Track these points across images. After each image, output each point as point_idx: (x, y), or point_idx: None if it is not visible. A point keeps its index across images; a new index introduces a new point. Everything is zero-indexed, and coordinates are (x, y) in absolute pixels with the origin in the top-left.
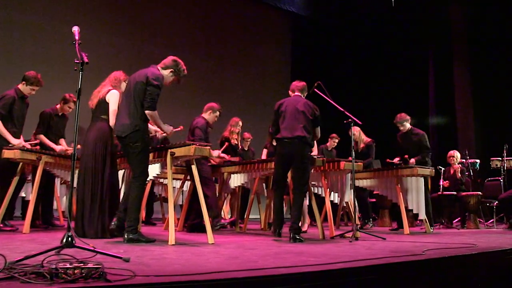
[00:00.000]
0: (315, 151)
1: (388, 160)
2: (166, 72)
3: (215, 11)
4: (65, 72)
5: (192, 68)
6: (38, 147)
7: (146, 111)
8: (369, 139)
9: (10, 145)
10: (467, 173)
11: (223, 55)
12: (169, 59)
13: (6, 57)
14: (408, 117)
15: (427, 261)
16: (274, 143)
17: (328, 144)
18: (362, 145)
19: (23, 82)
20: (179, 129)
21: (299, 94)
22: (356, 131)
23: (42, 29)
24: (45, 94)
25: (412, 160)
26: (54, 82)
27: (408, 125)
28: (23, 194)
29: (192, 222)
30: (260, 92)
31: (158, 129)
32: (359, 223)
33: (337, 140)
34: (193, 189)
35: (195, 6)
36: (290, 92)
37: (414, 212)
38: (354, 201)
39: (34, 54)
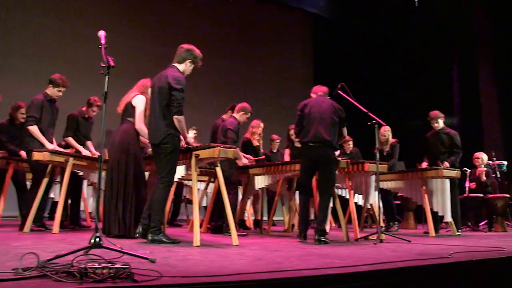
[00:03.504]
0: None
1: (417, 164)
2: (184, 66)
3: (237, 14)
4: (91, 75)
5: (214, 70)
6: (72, 150)
7: (174, 117)
8: (393, 140)
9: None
10: (493, 175)
11: (245, 57)
12: (182, 51)
13: (35, 61)
14: (442, 115)
15: (454, 264)
16: (298, 145)
17: (344, 148)
18: (388, 147)
19: (50, 85)
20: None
21: (322, 95)
22: (387, 132)
23: (68, 33)
24: (71, 97)
25: (446, 163)
26: (80, 85)
27: (441, 123)
28: (52, 195)
29: (216, 224)
30: (282, 94)
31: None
32: (383, 225)
33: (351, 142)
34: (217, 191)
35: (218, 9)
36: (312, 95)
37: (440, 214)
38: (378, 203)
39: (61, 58)
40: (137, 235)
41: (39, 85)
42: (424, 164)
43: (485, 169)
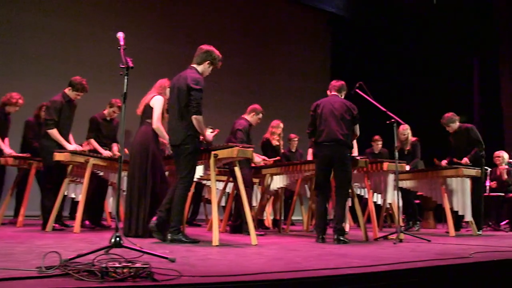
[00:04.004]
0: (355, 152)
1: (435, 160)
2: (203, 67)
3: (254, 13)
4: (110, 77)
5: (232, 70)
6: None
7: (193, 117)
8: (414, 138)
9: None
10: None
11: (262, 57)
12: (201, 52)
13: (57, 63)
14: (456, 117)
15: (475, 264)
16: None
17: (373, 147)
18: (408, 146)
19: (69, 87)
20: (216, 132)
21: (336, 93)
22: (406, 131)
23: (87, 35)
24: (92, 99)
25: (465, 159)
26: (101, 87)
27: (455, 126)
28: (72, 195)
29: (234, 224)
30: (300, 93)
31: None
32: (403, 225)
33: (380, 142)
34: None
35: (235, 8)
36: (327, 92)
37: (460, 213)
38: (398, 203)
39: (80, 60)
40: (152, 224)
41: (61, 86)
42: (444, 163)
43: (506, 167)
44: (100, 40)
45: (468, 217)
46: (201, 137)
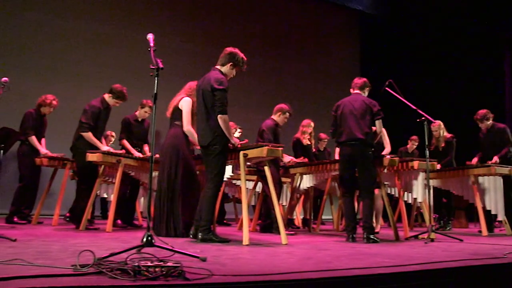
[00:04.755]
0: (387, 149)
1: (467, 162)
2: (226, 68)
3: (283, 14)
4: (141, 78)
5: (261, 70)
6: (124, 151)
7: (218, 116)
8: (448, 135)
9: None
10: None
11: (291, 56)
12: (225, 54)
13: (89, 66)
14: (491, 115)
15: (509, 264)
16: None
17: (408, 146)
18: (443, 143)
19: (110, 94)
20: (244, 142)
21: (358, 91)
22: (438, 128)
23: (118, 38)
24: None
25: (495, 158)
26: (132, 88)
27: (489, 123)
28: (104, 195)
29: (264, 223)
30: (329, 92)
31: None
32: (434, 224)
33: (416, 143)
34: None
35: (264, 9)
36: (351, 90)
37: (493, 213)
38: (428, 202)
39: (113, 62)
40: (190, 235)
41: (93, 88)
42: (474, 160)
43: None
44: (131, 43)
45: (501, 216)
46: (230, 145)
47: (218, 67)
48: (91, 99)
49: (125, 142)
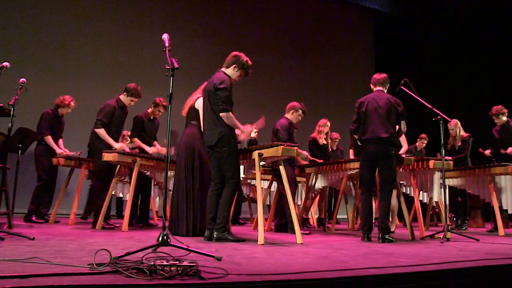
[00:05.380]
0: (404, 147)
1: (480, 149)
2: (230, 70)
3: (297, 12)
4: (155, 77)
5: (275, 69)
6: (137, 150)
7: (221, 114)
8: (466, 134)
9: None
10: None
11: (306, 55)
12: (230, 56)
13: (106, 66)
14: (505, 110)
15: None
16: (359, 143)
17: (417, 144)
18: (459, 142)
19: (124, 93)
20: (260, 120)
21: (381, 88)
22: (454, 126)
23: (135, 39)
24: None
25: (510, 149)
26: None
27: (504, 118)
28: (120, 195)
29: (279, 222)
30: (343, 91)
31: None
32: (450, 223)
33: (425, 141)
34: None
35: (279, 9)
36: (371, 86)
37: (510, 212)
38: (444, 201)
39: (128, 63)
40: (205, 239)
41: (110, 88)
42: (488, 152)
43: None
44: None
45: None
46: (237, 131)
47: (223, 69)
48: (108, 99)
49: (137, 140)
